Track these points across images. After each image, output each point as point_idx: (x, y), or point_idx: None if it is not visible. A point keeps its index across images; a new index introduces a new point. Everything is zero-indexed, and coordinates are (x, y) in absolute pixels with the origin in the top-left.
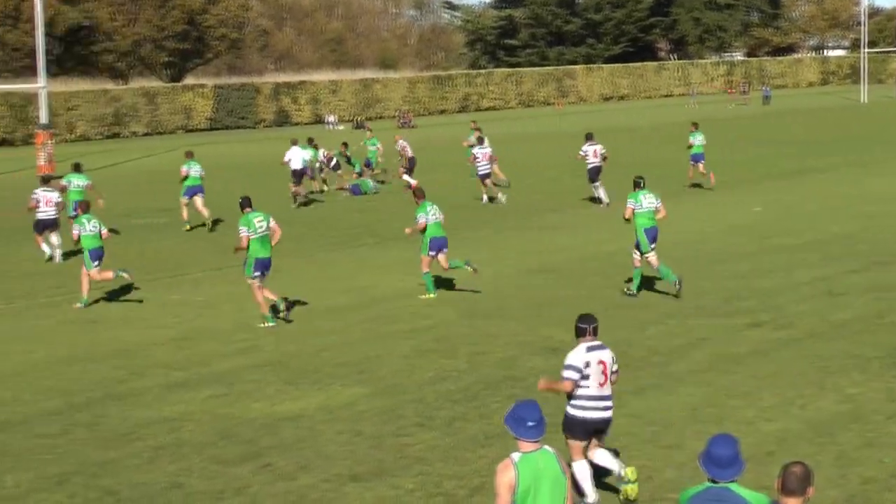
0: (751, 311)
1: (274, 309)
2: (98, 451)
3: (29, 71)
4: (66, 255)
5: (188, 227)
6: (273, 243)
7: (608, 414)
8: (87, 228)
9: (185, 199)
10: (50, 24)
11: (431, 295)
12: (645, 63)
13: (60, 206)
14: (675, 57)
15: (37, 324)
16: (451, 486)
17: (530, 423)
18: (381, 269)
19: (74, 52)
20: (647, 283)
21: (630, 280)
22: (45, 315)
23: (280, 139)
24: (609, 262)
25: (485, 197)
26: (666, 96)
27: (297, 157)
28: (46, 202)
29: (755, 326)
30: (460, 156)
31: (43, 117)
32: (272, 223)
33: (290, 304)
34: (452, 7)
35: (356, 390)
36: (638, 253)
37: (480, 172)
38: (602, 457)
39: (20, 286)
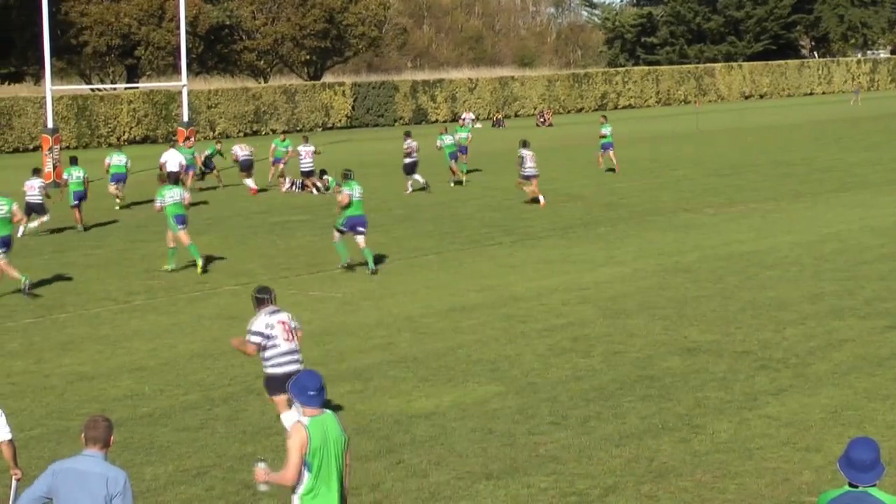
0: (892, 313)
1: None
2: (236, 444)
3: (171, 69)
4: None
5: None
6: (13, 222)
7: (299, 366)
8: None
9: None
10: (193, 23)
11: (169, 267)
12: (786, 61)
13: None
14: (818, 55)
15: (178, 319)
16: (584, 486)
17: (311, 392)
18: (515, 268)
19: (216, 50)
20: (781, 280)
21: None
22: (185, 310)
23: (419, 136)
24: (746, 261)
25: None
26: (807, 94)
27: (173, 159)
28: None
29: None
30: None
31: (184, 115)
32: (14, 207)
33: (31, 286)
34: (591, 5)
35: (490, 388)
36: (338, 234)
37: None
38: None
39: (163, 281)
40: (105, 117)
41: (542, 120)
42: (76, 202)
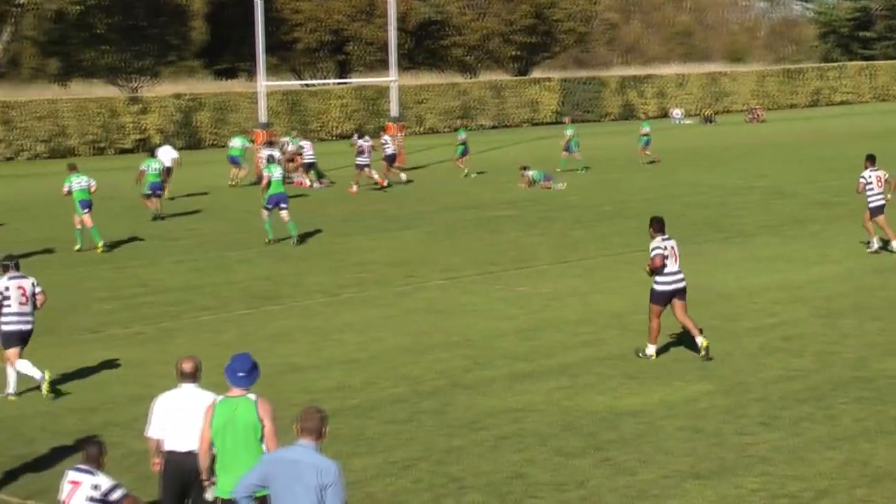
0: None
1: None
2: (443, 438)
3: (381, 65)
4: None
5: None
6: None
7: (29, 326)
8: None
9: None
10: (402, 19)
11: (77, 246)
12: None
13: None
14: None
15: (387, 312)
16: (795, 489)
17: (240, 374)
18: (725, 266)
19: (425, 46)
20: None
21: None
22: (394, 304)
23: (628, 133)
24: None
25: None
26: None
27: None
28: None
29: None
30: (813, 150)
31: (394, 110)
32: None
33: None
34: None
35: (698, 387)
36: (266, 211)
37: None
38: (25, 366)
39: (373, 275)
40: (316, 112)
41: (752, 116)
42: (150, 192)
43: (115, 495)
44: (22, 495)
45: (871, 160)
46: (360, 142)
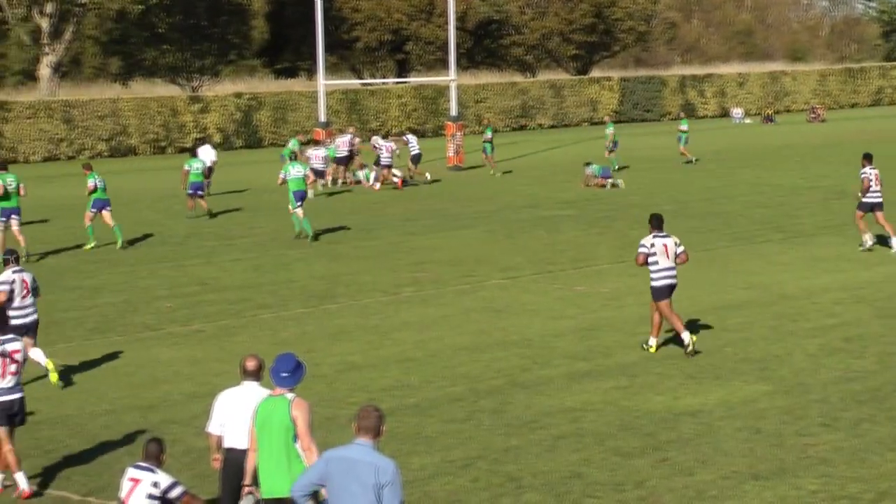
0: None
1: None
2: (501, 437)
3: (440, 64)
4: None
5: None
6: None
7: (35, 317)
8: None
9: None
10: (462, 18)
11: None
12: None
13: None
14: None
15: (445, 311)
16: (855, 490)
17: (283, 374)
18: (785, 266)
19: (484, 45)
20: None
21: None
22: (453, 303)
23: (690, 132)
24: None
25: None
26: None
27: None
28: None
29: None
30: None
31: (453, 109)
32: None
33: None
34: None
35: (758, 387)
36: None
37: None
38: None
39: (431, 274)
40: (375, 111)
41: (813, 115)
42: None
43: (175, 492)
44: (82, 492)
45: (868, 159)
46: (381, 142)
